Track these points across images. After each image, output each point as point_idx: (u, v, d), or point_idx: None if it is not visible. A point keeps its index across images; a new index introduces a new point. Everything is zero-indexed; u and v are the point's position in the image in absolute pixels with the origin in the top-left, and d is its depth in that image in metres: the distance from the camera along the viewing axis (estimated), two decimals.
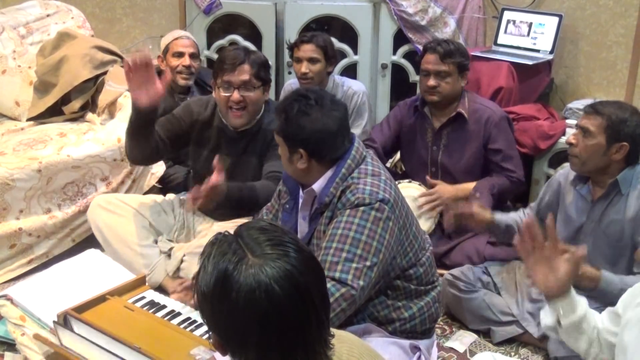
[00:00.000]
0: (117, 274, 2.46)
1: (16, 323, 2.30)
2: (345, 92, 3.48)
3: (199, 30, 4.26)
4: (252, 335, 1.09)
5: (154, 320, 2.08)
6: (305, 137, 1.99)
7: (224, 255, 1.12)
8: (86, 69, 3.48)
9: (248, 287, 1.08)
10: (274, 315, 1.08)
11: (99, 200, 2.85)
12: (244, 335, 1.09)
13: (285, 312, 1.08)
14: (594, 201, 2.40)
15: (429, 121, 3.12)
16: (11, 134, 3.38)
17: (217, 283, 1.10)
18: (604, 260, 2.38)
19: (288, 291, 1.08)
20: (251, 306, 1.08)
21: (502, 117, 3.07)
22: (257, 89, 2.64)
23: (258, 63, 2.63)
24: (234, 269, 1.09)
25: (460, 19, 4.07)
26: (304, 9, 4.12)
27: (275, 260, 1.10)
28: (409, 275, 2.10)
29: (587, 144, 2.32)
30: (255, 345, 1.09)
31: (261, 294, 1.07)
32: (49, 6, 3.91)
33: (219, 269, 1.11)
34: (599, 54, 3.82)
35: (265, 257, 1.10)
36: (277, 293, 1.08)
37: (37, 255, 2.99)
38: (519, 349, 2.54)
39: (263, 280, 1.08)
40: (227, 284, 1.09)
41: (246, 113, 2.65)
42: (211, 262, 1.13)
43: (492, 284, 2.65)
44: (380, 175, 2.03)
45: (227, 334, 1.12)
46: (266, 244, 1.13)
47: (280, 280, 1.08)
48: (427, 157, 3.15)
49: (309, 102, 2.00)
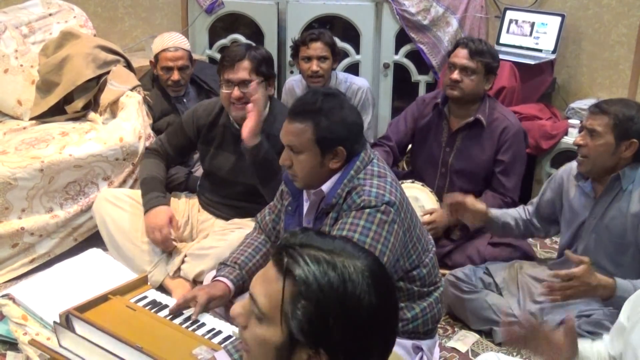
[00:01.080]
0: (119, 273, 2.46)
1: (18, 322, 2.30)
2: (349, 88, 3.47)
3: (200, 30, 4.26)
4: (377, 332, 1.07)
5: (156, 320, 2.08)
6: (345, 133, 1.96)
7: (324, 265, 1.06)
8: (89, 69, 3.48)
9: (366, 285, 1.05)
10: (391, 308, 1.10)
11: (105, 194, 2.87)
12: (371, 335, 1.06)
13: (392, 297, 1.11)
14: (597, 197, 2.39)
15: (447, 121, 3.09)
16: (13, 133, 3.38)
17: (340, 294, 1.04)
18: (606, 257, 2.37)
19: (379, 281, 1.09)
20: (374, 301, 1.05)
21: (518, 131, 3.01)
22: (258, 85, 2.60)
23: (258, 59, 2.60)
24: (348, 274, 1.05)
25: (463, 18, 4.07)
26: (306, 8, 4.12)
27: (356, 254, 1.10)
28: (412, 276, 2.09)
29: (596, 144, 2.31)
30: (382, 346, 1.09)
31: (379, 286, 1.07)
32: (51, 5, 3.91)
33: (334, 279, 1.05)
34: (601, 53, 3.81)
35: (352, 256, 1.09)
36: (382, 279, 1.10)
37: (39, 254, 2.99)
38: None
39: (358, 274, 1.06)
40: (351, 291, 1.04)
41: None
42: (317, 278, 1.05)
43: (494, 285, 2.64)
44: (386, 176, 2.02)
45: (354, 341, 1.05)
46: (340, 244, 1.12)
47: (379, 267, 1.10)
48: (438, 157, 3.12)
49: (338, 98, 1.98)
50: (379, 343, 1.08)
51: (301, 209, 2.12)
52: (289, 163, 2.01)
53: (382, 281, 1.09)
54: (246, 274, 2.23)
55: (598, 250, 2.39)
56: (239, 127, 2.65)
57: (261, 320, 1.09)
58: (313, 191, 2.03)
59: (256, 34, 4.25)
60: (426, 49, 4.07)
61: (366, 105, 3.50)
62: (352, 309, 1.04)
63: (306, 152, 1.97)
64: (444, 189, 3.11)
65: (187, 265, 2.66)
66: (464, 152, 3.06)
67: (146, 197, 2.73)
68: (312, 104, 1.96)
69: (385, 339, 1.10)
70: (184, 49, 3.40)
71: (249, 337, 1.13)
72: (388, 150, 3.24)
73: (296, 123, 1.96)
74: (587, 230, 2.42)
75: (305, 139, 1.95)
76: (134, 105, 3.31)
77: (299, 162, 1.99)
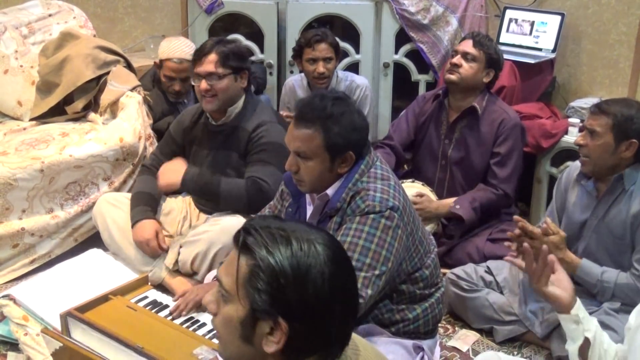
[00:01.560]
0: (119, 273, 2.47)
1: (19, 323, 2.30)
2: (348, 85, 3.48)
3: (200, 30, 4.26)
4: (336, 306, 1.13)
5: (157, 320, 2.08)
6: (356, 138, 1.95)
7: (287, 242, 1.12)
8: (89, 69, 3.49)
9: (326, 261, 1.11)
10: (350, 280, 1.17)
11: (106, 197, 2.90)
12: (329, 308, 1.12)
13: (351, 274, 1.19)
14: (600, 197, 2.39)
15: (445, 113, 3.11)
16: (14, 133, 3.38)
17: (296, 267, 1.10)
18: (607, 257, 2.38)
19: (344, 255, 1.20)
20: (335, 277, 1.12)
21: (516, 124, 3.03)
22: (225, 77, 2.64)
23: (225, 52, 2.63)
24: (309, 250, 1.12)
25: (463, 17, 4.07)
26: (305, 8, 4.12)
27: (315, 234, 1.15)
28: (415, 278, 2.08)
29: (596, 144, 2.31)
30: (338, 313, 1.13)
31: (339, 264, 1.14)
32: (51, 6, 3.90)
33: (296, 255, 1.11)
34: (601, 52, 3.81)
35: (309, 233, 1.15)
36: (344, 257, 1.19)
37: (39, 255, 2.99)
38: (522, 348, 2.54)
39: (331, 251, 1.13)
40: (308, 265, 1.11)
41: (217, 100, 2.67)
42: (277, 252, 1.11)
43: (495, 283, 2.64)
44: (389, 179, 2.01)
45: (311, 314, 1.11)
46: (302, 225, 1.19)
47: (338, 247, 1.17)
48: (438, 149, 3.14)
49: (346, 102, 1.97)
50: (336, 314, 1.13)
51: (302, 210, 2.11)
52: (296, 169, 1.98)
53: (337, 252, 1.15)
54: None
55: (599, 250, 2.39)
56: (215, 122, 2.75)
57: (226, 300, 1.15)
58: (318, 195, 2.01)
59: (256, 34, 4.25)
60: (426, 49, 4.07)
61: (363, 103, 3.51)
62: (306, 278, 1.10)
63: (315, 158, 1.94)
64: (444, 181, 3.13)
65: (183, 256, 2.65)
66: (462, 143, 3.08)
67: (132, 211, 2.77)
68: (322, 110, 1.92)
69: (343, 311, 1.14)
70: (188, 61, 3.32)
71: (218, 322, 1.19)
72: (389, 152, 3.24)
73: (305, 129, 1.93)
74: (589, 229, 2.42)
75: (315, 145, 1.92)
76: (134, 105, 3.31)
77: (307, 168, 1.96)
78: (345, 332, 1.18)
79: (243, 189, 2.60)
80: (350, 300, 1.17)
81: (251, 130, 2.69)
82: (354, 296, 1.19)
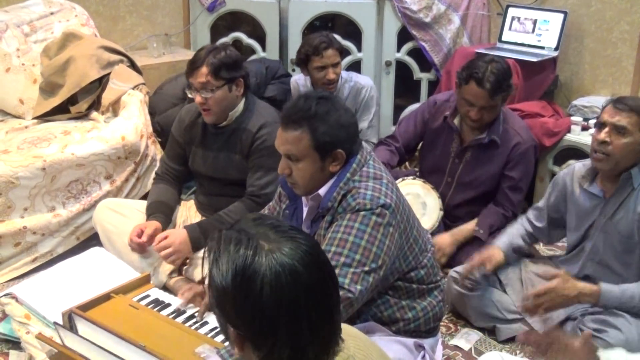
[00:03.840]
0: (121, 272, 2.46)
1: (21, 321, 2.30)
2: (353, 87, 3.46)
3: (202, 28, 4.26)
4: (281, 321, 1.09)
5: (159, 319, 2.08)
6: (343, 135, 1.94)
7: (237, 247, 1.12)
8: (94, 70, 3.49)
9: (273, 273, 1.09)
10: (303, 295, 1.10)
11: (106, 203, 2.89)
12: (272, 323, 1.09)
13: (312, 290, 1.11)
14: (607, 197, 2.34)
15: (458, 132, 3.01)
16: (15, 132, 3.38)
17: (237, 276, 1.10)
18: (614, 257, 2.35)
19: (311, 269, 1.11)
20: (279, 291, 1.08)
21: (529, 148, 2.95)
22: (218, 89, 2.60)
23: (216, 64, 2.57)
24: (253, 259, 1.10)
25: (465, 16, 4.06)
26: (307, 6, 4.12)
27: (288, 242, 1.12)
28: (410, 277, 2.08)
29: (624, 142, 2.20)
30: (285, 331, 1.10)
31: (287, 277, 1.09)
32: (53, 4, 3.90)
33: (237, 262, 1.10)
34: (604, 50, 3.80)
35: (279, 242, 1.12)
36: (302, 272, 1.10)
37: (41, 253, 2.99)
38: (525, 346, 2.53)
39: (287, 263, 1.09)
40: (249, 275, 1.09)
41: (212, 113, 2.65)
42: (224, 258, 1.12)
43: (497, 282, 2.63)
44: (382, 178, 2.00)
45: (253, 325, 1.11)
46: (272, 232, 1.14)
47: (301, 260, 1.11)
48: (445, 166, 3.07)
49: (331, 100, 1.97)
50: (290, 322, 1.10)
51: (299, 211, 2.11)
52: (288, 172, 1.98)
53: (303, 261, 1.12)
54: None
55: (606, 250, 2.36)
56: (214, 125, 2.72)
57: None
58: (311, 196, 2.02)
59: (258, 32, 4.25)
60: (428, 47, 4.06)
61: (369, 104, 3.48)
62: (246, 287, 1.09)
63: (305, 159, 1.94)
64: (446, 197, 3.08)
65: (193, 267, 2.65)
66: (473, 167, 3.00)
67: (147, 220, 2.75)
68: (307, 110, 1.92)
69: (296, 321, 1.11)
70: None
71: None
72: (393, 150, 3.22)
73: (292, 131, 1.93)
74: (596, 229, 2.38)
75: (304, 146, 1.93)
76: (136, 103, 3.31)
77: (298, 170, 1.96)
78: (320, 336, 1.14)
79: (246, 211, 2.61)
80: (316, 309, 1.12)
81: (255, 131, 2.67)
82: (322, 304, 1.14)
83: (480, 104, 2.80)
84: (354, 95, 3.43)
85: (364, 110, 3.45)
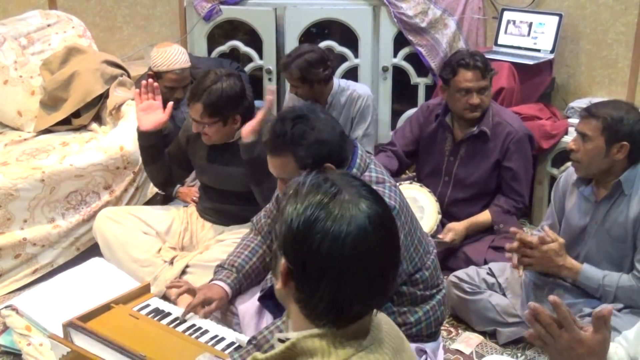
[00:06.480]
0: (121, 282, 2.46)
1: (22, 333, 2.30)
2: (349, 95, 3.47)
3: (199, 37, 4.27)
4: (330, 272, 1.10)
5: (159, 328, 2.08)
6: (325, 151, 1.93)
7: (318, 190, 1.14)
8: (98, 84, 3.50)
9: (343, 223, 1.10)
10: (362, 254, 1.10)
11: (105, 212, 2.88)
12: (321, 270, 1.10)
13: (371, 253, 1.12)
14: (598, 202, 2.38)
15: (450, 131, 3.09)
16: (14, 144, 3.38)
17: (307, 215, 1.11)
18: (608, 262, 2.37)
19: (379, 232, 1.12)
20: (338, 241, 1.09)
21: (523, 136, 3.01)
22: (214, 124, 2.57)
23: (209, 103, 2.51)
24: (328, 204, 1.11)
25: (460, 20, 4.07)
26: (304, 13, 4.13)
27: (368, 200, 1.14)
28: (415, 279, 2.08)
29: (587, 148, 2.30)
30: (330, 281, 1.10)
31: (352, 231, 1.10)
32: (50, 16, 3.92)
33: (312, 202, 1.12)
34: (599, 52, 3.81)
35: (359, 197, 1.14)
36: (369, 232, 1.11)
37: (41, 264, 2.99)
38: (526, 349, 2.53)
39: (358, 217, 1.11)
40: (317, 217, 1.10)
41: (210, 139, 2.64)
42: (303, 197, 1.14)
43: (497, 285, 2.64)
44: (384, 182, 2.02)
45: (303, 266, 1.11)
46: (356, 188, 1.16)
47: (373, 221, 1.12)
48: (442, 165, 3.12)
49: (305, 118, 1.95)
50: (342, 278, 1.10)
51: None
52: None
53: (370, 222, 1.12)
54: (243, 277, 2.25)
55: (600, 255, 2.38)
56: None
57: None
58: None
59: (254, 40, 4.25)
60: (425, 52, 4.07)
61: (365, 113, 3.49)
62: (309, 233, 1.10)
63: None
64: (445, 196, 3.11)
65: (192, 276, 2.65)
66: (468, 162, 3.05)
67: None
68: (283, 136, 1.93)
69: (352, 278, 1.11)
70: (187, 67, 3.31)
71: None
72: (391, 155, 3.24)
73: (276, 158, 1.97)
74: (589, 234, 2.41)
75: (292, 169, 1.94)
76: (134, 114, 3.31)
77: None
78: (362, 301, 1.14)
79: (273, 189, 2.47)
80: (368, 269, 1.12)
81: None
82: (377, 268, 1.14)
83: (478, 85, 2.89)
84: (350, 104, 3.45)
85: (359, 120, 3.48)
